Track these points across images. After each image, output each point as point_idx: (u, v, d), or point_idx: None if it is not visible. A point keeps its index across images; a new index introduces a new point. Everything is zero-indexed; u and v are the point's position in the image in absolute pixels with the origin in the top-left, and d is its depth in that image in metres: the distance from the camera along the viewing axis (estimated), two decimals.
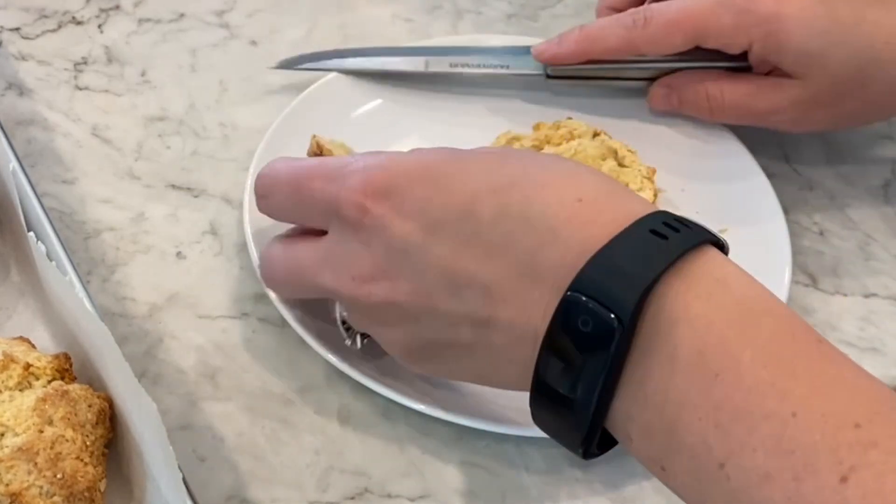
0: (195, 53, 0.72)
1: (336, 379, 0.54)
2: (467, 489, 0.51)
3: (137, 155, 0.65)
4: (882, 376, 0.57)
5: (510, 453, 0.52)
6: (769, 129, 0.64)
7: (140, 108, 0.68)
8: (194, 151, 0.65)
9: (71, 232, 0.60)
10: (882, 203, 0.67)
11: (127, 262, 0.59)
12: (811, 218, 0.65)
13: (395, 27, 0.75)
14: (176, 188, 0.63)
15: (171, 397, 0.53)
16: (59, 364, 0.48)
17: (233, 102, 0.69)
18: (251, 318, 0.57)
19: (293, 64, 0.69)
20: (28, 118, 0.66)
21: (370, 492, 0.51)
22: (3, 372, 0.47)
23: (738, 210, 0.63)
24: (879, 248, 0.64)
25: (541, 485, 0.51)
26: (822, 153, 0.70)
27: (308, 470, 0.51)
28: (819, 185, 0.68)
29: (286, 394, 0.54)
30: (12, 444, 0.44)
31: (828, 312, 0.60)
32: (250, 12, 0.75)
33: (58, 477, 0.43)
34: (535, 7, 0.78)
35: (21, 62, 0.70)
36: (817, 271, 0.62)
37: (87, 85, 0.69)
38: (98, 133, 0.66)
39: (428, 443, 0.52)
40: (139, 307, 0.57)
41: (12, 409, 0.45)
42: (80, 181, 0.63)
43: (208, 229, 0.61)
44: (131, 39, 0.72)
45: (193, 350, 0.55)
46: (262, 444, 0.52)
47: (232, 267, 0.59)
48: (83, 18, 0.73)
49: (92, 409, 0.47)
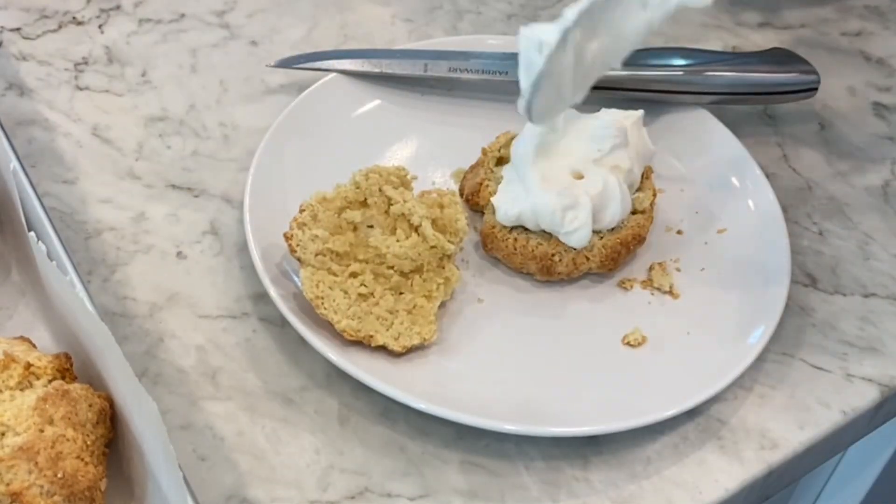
0: (195, 53, 0.72)
1: (336, 379, 0.54)
2: (467, 489, 0.51)
3: (138, 155, 0.65)
4: (881, 376, 0.57)
5: (510, 453, 0.52)
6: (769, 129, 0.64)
7: (140, 108, 0.68)
8: (194, 151, 0.66)
9: (71, 232, 0.60)
10: (882, 203, 0.67)
11: (127, 261, 0.59)
12: (811, 218, 0.65)
13: (395, 27, 0.75)
14: (176, 188, 0.63)
15: (172, 397, 0.53)
16: (60, 364, 0.49)
17: (233, 102, 0.69)
18: (251, 318, 0.57)
19: (292, 63, 0.69)
20: (29, 118, 0.66)
21: (370, 491, 0.51)
22: (4, 371, 0.47)
23: (738, 210, 0.63)
24: (879, 248, 0.64)
25: (541, 485, 0.51)
26: (822, 153, 0.70)
27: (308, 469, 0.51)
28: (819, 185, 0.68)
29: (286, 394, 0.54)
30: (13, 443, 0.44)
31: (827, 312, 0.60)
32: (250, 12, 0.75)
33: (58, 476, 0.43)
34: (535, 7, 0.78)
35: (22, 62, 0.70)
36: (817, 271, 0.62)
37: (87, 85, 0.69)
38: (98, 133, 0.66)
39: (428, 443, 0.53)
40: (139, 307, 0.57)
41: (13, 409, 0.45)
42: (81, 181, 0.63)
43: (208, 229, 0.61)
44: (132, 39, 0.72)
45: (193, 350, 0.55)
46: (262, 443, 0.52)
47: (232, 267, 0.59)
48: (84, 18, 0.73)
49: (92, 408, 0.47)
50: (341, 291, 0.54)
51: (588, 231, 0.57)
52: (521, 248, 0.58)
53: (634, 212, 0.60)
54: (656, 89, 0.66)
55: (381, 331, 0.54)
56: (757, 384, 0.56)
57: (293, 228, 0.54)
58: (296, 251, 0.54)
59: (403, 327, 0.55)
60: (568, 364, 0.56)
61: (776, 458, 0.53)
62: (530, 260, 0.58)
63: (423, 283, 0.56)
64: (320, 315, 0.53)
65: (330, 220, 0.55)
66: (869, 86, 0.75)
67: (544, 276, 0.59)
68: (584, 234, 0.57)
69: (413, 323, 0.55)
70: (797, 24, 0.80)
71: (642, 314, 0.58)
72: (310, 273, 0.54)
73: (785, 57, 0.68)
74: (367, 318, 0.54)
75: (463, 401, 0.52)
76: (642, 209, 0.60)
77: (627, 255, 0.59)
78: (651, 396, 0.53)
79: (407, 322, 0.55)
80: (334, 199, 0.55)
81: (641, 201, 0.61)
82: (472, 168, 0.63)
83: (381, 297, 0.55)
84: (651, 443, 0.53)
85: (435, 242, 0.55)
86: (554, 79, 0.54)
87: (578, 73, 0.55)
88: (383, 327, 0.54)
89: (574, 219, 0.57)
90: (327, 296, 0.54)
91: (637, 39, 0.56)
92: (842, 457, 0.78)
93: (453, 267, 0.57)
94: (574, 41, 0.53)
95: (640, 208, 0.60)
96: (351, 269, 0.55)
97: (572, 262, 0.58)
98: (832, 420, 0.55)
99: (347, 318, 0.54)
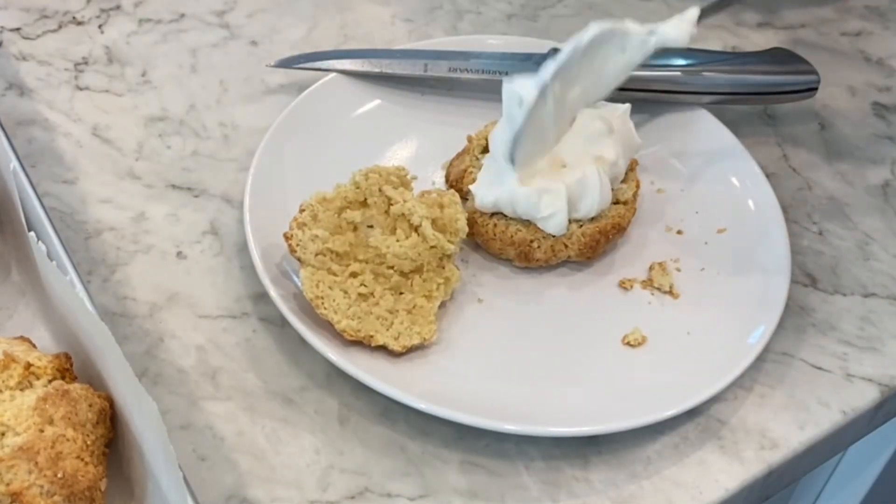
0: (195, 53, 0.72)
1: (336, 379, 0.54)
2: (467, 489, 0.51)
3: (138, 155, 0.65)
4: (881, 376, 0.57)
5: (510, 453, 0.52)
6: (769, 129, 0.64)
7: (140, 108, 0.68)
8: (194, 151, 0.66)
9: (71, 232, 0.60)
10: (881, 203, 0.67)
11: (127, 261, 0.59)
12: (811, 218, 0.65)
13: (395, 27, 0.75)
14: (176, 188, 0.63)
15: (172, 397, 0.53)
16: (60, 363, 0.49)
17: (233, 102, 0.69)
18: (251, 318, 0.57)
19: (292, 63, 0.69)
20: (29, 118, 0.66)
21: (370, 491, 0.51)
22: (4, 371, 0.47)
23: (738, 210, 0.63)
24: (878, 248, 0.64)
25: (541, 485, 0.51)
26: (821, 153, 0.70)
27: (308, 469, 0.51)
28: (819, 185, 0.68)
29: (286, 394, 0.54)
30: (13, 443, 0.44)
31: (827, 312, 0.60)
32: (250, 12, 0.75)
33: (58, 476, 0.43)
34: (535, 7, 0.78)
35: (22, 62, 0.70)
36: (817, 271, 0.62)
37: (87, 85, 0.69)
38: (98, 133, 0.66)
39: (428, 443, 0.53)
40: (139, 307, 0.57)
41: (13, 409, 0.45)
42: (81, 181, 0.63)
43: (208, 229, 0.61)
44: (132, 39, 0.72)
45: (193, 350, 0.55)
46: (262, 443, 0.52)
47: (232, 267, 0.59)
48: (84, 18, 0.73)
49: (92, 408, 0.47)
50: (341, 291, 0.54)
51: (564, 217, 0.57)
52: (500, 233, 0.58)
53: (616, 202, 0.61)
54: (656, 89, 0.66)
55: (381, 331, 0.54)
56: (757, 384, 0.56)
57: (293, 228, 0.54)
58: (296, 251, 0.54)
59: (403, 327, 0.55)
60: (568, 364, 0.56)
61: (776, 458, 0.53)
62: (509, 246, 0.59)
63: (423, 283, 0.56)
64: (320, 315, 0.53)
65: (330, 220, 0.55)
66: (869, 86, 0.75)
67: (522, 263, 0.59)
68: (561, 220, 0.57)
69: (413, 323, 0.55)
70: (797, 24, 0.80)
71: (642, 314, 0.58)
72: (310, 273, 0.54)
73: (785, 57, 0.68)
74: (367, 318, 0.54)
75: (463, 401, 0.52)
76: (624, 200, 0.61)
77: (607, 244, 0.60)
78: (651, 396, 0.53)
79: (407, 322, 0.55)
80: (334, 199, 0.55)
81: (624, 192, 0.61)
82: (459, 155, 0.64)
83: (381, 297, 0.55)
84: (651, 443, 0.53)
85: (435, 242, 0.55)
86: (534, 130, 0.56)
87: (560, 116, 0.57)
88: (383, 327, 0.54)
89: (549, 205, 0.57)
90: (327, 296, 0.54)
91: (618, 80, 0.58)
92: (842, 457, 0.78)
93: (453, 267, 0.57)
94: (553, 93, 0.55)
95: (623, 199, 0.61)
96: (351, 268, 0.55)
97: (550, 249, 0.59)
98: (832, 420, 0.55)
99: (347, 318, 0.54)
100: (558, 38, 0.69)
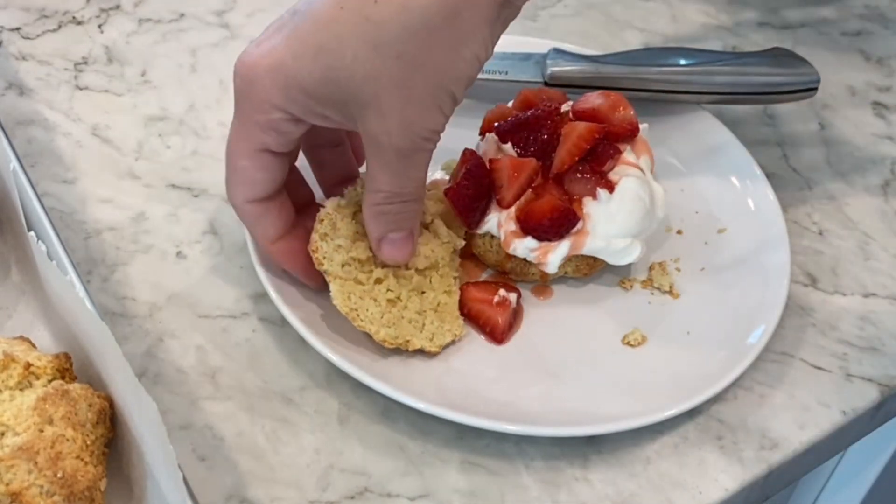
0: (195, 53, 0.72)
1: (336, 378, 0.54)
2: (467, 489, 0.51)
3: (137, 155, 0.65)
4: (881, 376, 0.57)
5: (510, 453, 0.52)
6: (769, 129, 0.64)
7: (140, 107, 0.68)
8: (194, 151, 0.66)
9: (71, 231, 0.60)
10: (881, 203, 0.67)
11: (127, 261, 0.59)
12: (811, 218, 0.65)
13: None
14: (176, 188, 0.63)
15: (171, 397, 0.53)
16: (60, 363, 0.48)
17: (233, 102, 0.69)
18: (251, 317, 0.57)
19: None
20: (28, 118, 0.66)
21: (370, 491, 0.51)
22: (4, 371, 0.47)
23: (738, 210, 0.63)
24: (878, 248, 0.64)
25: (541, 484, 0.51)
26: (821, 153, 0.70)
27: (308, 469, 0.51)
28: (819, 185, 0.68)
29: (286, 394, 0.54)
30: (13, 443, 0.44)
31: (827, 312, 0.60)
32: (250, 12, 0.75)
33: (58, 476, 0.43)
34: (535, 7, 0.78)
35: (21, 62, 0.70)
36: (816, 271, 0.62)
37: (87, 85, 0.69)
38: (98, 133, 0.66)
39: (428, 443, 0.52)
40: (139, 307, 0.57)
41: (13, 409, 0.45)
42: (81, 181, 0.63)
43: (208, 229, 0.61)
44: (131, 39, 0.72)
45: (193, 350, 0.55)
46: (262, 443, 0.52)
47: (232, 267, 0.59)
48: (83, 18, 0.73)
49: (92, 408, 0.47)
50: (371, 300, 0.54)
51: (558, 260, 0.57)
52: (496, 247, 0.58)
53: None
54: (656, 89, 0.66)
55: (415, 334, 0.54)
56: (757, 384, 0.56)
57: (316, 241, 0.53)
58: (322, 264, 0.53)
59: (435, 327, 0.54)
60: (568, 364, 0.55)
61: (776, 458, 0.53)
62: (505, 260, 0.58)
63: (440, 280, 0.56)
64: (357, 327, 0.53)
65: (348, 226, 0.54)
66: (869, 86, 0.75)
67: (518, 278, 0.59)
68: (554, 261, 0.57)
69: (442, 321, 0.55)
70: (797, 24, 0.80)
71: (642, 314, 0.58)
72: (339, 285, 0.53)
73: (785, 57, 0.68)
74: (401, 324, 0.54)
75: (463, 401, 0.52)
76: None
77: (603, 264, 0.59)
78: (651, 396, 0.53)
79: (437, 321, 0.55)
80: (348, 205, 0.55)
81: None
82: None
83: (407, 299, 0.55)
84: (651, 443, 0.53)
85: (448, 239, 0.56)
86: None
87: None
88: (416, 330, 0.54)
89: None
90: (360, 307, 0.53)
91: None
92: (842, 457, 0.78)
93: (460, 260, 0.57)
94: None
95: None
96: (375, 275, 0.54)
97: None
98: (832, 420, 0.55)
99: (384, 326, 0.53)
100: (558, 38, 0.69)
